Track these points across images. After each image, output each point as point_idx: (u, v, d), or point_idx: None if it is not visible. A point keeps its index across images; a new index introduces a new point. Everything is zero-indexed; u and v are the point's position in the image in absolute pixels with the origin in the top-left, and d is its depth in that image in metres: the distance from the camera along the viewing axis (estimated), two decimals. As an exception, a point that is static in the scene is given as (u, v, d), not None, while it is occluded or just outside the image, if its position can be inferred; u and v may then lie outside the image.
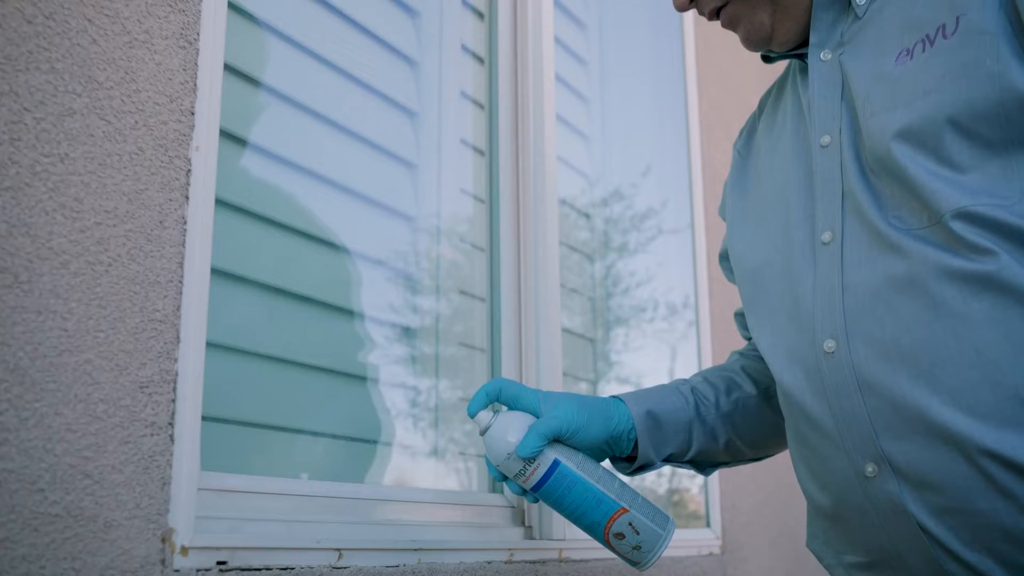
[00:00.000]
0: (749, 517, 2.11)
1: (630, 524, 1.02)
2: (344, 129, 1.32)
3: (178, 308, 0.87)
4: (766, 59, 1.12)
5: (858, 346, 0.88)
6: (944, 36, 0.88)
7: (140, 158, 0.86)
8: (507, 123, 1.62)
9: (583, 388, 1.84)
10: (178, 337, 0.87)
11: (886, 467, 0.87)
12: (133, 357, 0.83)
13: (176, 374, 0.86)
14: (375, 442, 1.31)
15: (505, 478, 1.05)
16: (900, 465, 0.86)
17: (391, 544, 1.07)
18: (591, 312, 1.91)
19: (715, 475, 2.03)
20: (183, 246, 0.89)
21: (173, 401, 0.86)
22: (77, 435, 0.77)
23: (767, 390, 1.17)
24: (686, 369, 2.16)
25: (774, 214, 1.04)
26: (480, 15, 1.65)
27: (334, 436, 1.25)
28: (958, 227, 0.84)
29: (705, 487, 2.03)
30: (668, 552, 1.77)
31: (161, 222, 0.87)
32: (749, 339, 1.26)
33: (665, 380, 2.12)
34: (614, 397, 1.12)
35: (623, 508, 1.02)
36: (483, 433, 1.04)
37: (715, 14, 1.08)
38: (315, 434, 1.21)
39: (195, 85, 0.92)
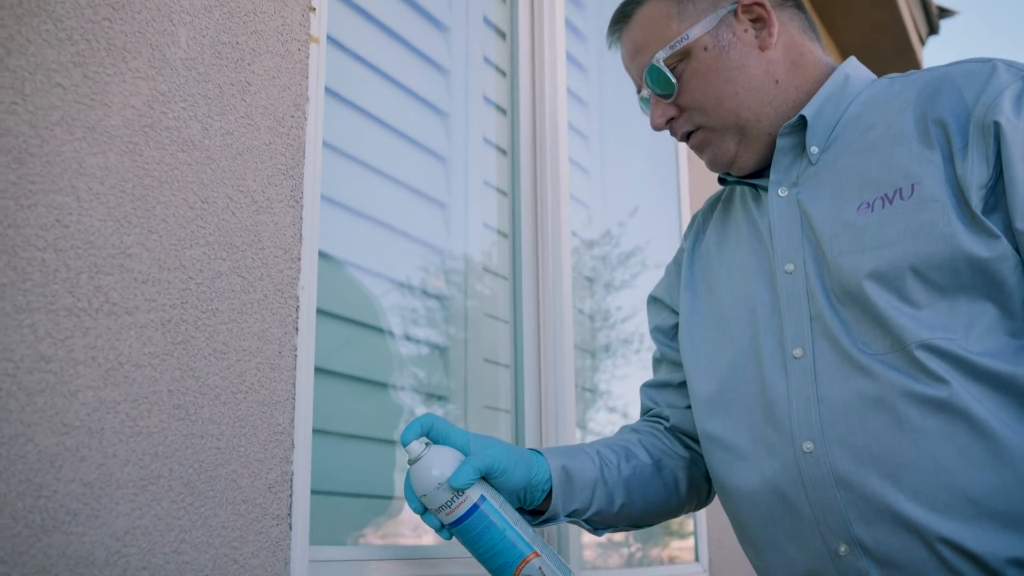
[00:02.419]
0: (730, 550, 2.39)
1: (540, 568, 1.12)
2: (384, 224, 1.58)
3: (292, 421, 1.13)
4: (722, 181, 1.37)
5: (834, 449, 1.13)
6: (901, 198, 1.14)
7: (265, 303, 1.12)
8: (528, 206, 1.89)
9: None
10: (293, 444, 1.13)
11: (857, 548, 1.12)
12: (263, 464, 1.09)
13: (292, 474, 1.12)
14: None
15: (425, 511, 1.15)
16: (869, 547, 1.11)
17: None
18: (589, 361, 2.18)
19: (703, 514, 2.31)
20: (295, 370, 1.15)
21: (290, 496, 1.12)
22: (228, 530, 1.03)
23: (659, 462, 1.35)
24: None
25: (739, 324, 1.27)
26: (503, 111, 1.90)
27: (382, 497, 1.51)
28: (922, 356, 1.09)
29: (695, 524, 2.31)
30: (664, 586, 2.04)
31: (279, 352, 1.13)
32: (649, 411, 1.45)
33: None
34: (532, 450, 1.25)
35: (536, 552, 1.12)
36: (413, 462, 1.13)
37: (686, 136, 1.33)
38: (370, 497, 1.47)
39: (301, 237, 1.18)
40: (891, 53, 3.95)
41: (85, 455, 0.90)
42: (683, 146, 2.56)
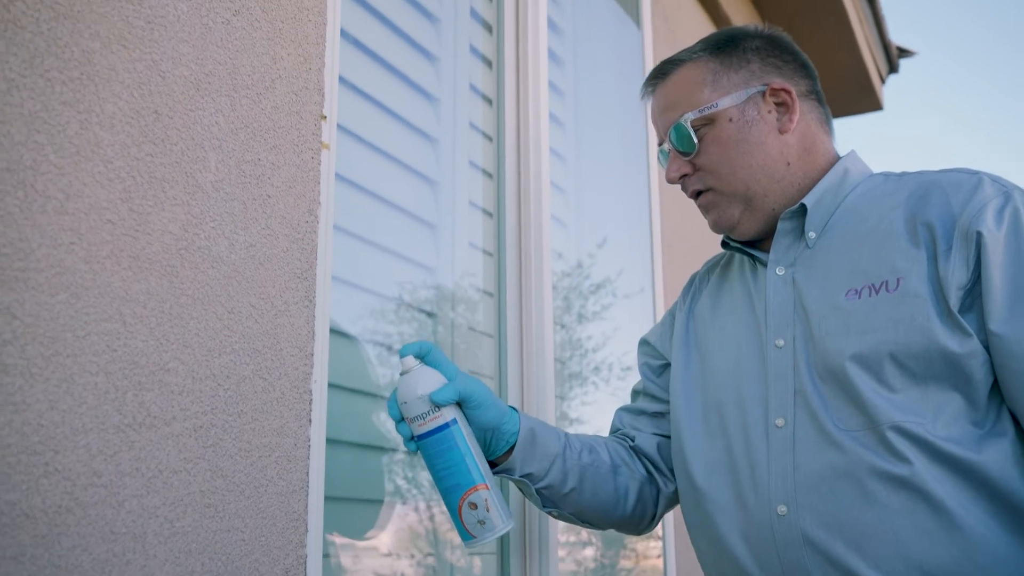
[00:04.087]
0: (700, 580, 2.53)
1: (486, 500, 1.23)
2: (371, 291, 1.69)
3: (306, 507, 1.25)
4: (725, 245, 1.52)
5: (805, 514, 1.28)
6: (887, 290, 1.29)
7: (282, 400, 1.23)
8: (513, 266, 2.01)
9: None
10: (306, 528, 1.25)
11: None
12: (281, 550, 1.20)
13: (306, 557, 1.24)
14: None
15: (401, 420, 1.29)
16: None
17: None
18: (557, 388, 2.31)
19: (672, 544, 2.45)
20: (308, 459, 1.26)
21: (304, 577, 1.23)
22: (252, 615, 1.14)
23: (617, 468, 1.48)
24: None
25: (727, 388, 1.41)
26: (489, 175, 2.02)
27: (390, 555, 1.63)
28: (891, 436, 1.23)
29: (664, 554, 2.44)
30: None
31: (295, 444, 1.24)
32: (617, 430, 1.60)
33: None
34: (511, 407, 1.40)
35: (486, 484, 1.24)
36: (403, 374, 1.26)
37: (696, 195, 1.47)
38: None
39: (313, 333, 1.29)
40: (854, 91, 4.12)
41: (130, 559, 1.01)
42: (655, 170, 2.69)
